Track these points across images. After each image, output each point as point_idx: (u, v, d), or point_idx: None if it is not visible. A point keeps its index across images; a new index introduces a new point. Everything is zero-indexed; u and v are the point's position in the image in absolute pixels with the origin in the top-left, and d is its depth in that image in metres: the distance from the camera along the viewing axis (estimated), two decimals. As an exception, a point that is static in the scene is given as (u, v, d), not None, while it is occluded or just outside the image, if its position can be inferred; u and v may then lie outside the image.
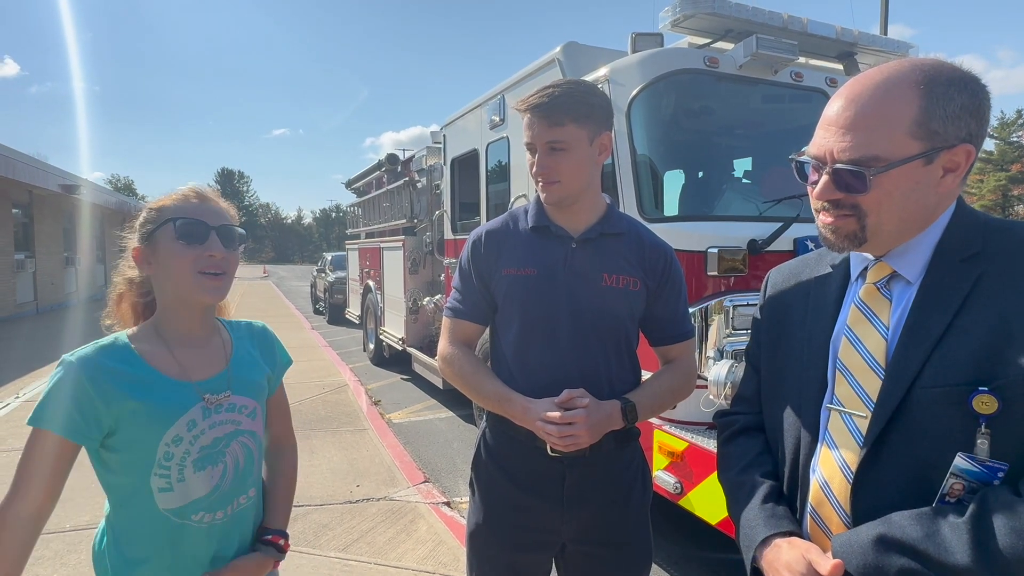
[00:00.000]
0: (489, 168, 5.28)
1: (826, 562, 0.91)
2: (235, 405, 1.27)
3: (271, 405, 1.42)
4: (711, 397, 2.86)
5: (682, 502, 2.92)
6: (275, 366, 1.43)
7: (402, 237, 7.40)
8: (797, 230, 3.08)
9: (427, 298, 6.89)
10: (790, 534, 1.01)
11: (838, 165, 0.94)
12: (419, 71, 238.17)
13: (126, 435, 1.16)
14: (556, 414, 1.40)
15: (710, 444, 2.80)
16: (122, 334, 1.23)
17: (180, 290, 1.22)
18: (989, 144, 34.00)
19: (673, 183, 3.56)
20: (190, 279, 1.19)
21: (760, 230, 3.07)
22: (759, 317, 1.25)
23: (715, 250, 3.00)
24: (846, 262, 1.10)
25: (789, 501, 1.09)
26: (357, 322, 10.31)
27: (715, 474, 2.63)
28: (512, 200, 4.70)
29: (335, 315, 14.05)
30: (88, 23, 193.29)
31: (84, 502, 3.87)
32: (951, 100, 0.90)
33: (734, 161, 3.83)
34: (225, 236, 1.23)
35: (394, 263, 7.68)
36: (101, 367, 1.15)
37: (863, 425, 0.96)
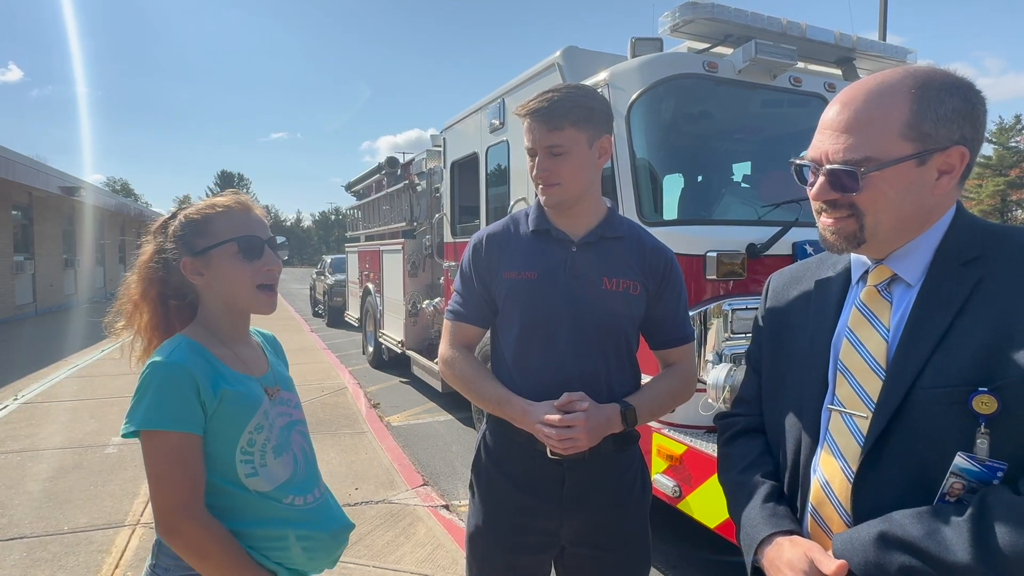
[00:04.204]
0: (489, 171, 5.30)
1: (830, 562, 0.92)
2: (283, 398, 1.35)
3: None
4: (710, 401, 2.86)
5: (680, 506, 2.92)
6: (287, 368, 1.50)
7: (402, 240, 7.41)
8: (796, 234, 3.09)
9: (426, 301, 6.90)
10: (791, 533, 1.02)
11: (832, 165, 0.97)
12: (417, 75, 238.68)
13: (215, 427, 1.20)
14: (555, 417, 1.40)
15: (709, 448, 2.80)
16: (184, 337, 1.25)
17: (236, 301, 1.29)
18: (987, 149, 34.14)
19: (672, 187, 3.57)
20: (250, 293, 1.28)
21: (759, 234, 3.08)
22: (760, 320, 1.27)
23: (714, 254, 3.01)
24: (847, 266, 1.11)
25: (790, 501, 1.09)
26: (356, 325, 10.31)
27: (713, 478, 2.65)
28: (512, 203, 4.70)
29: (334, 318, 14.05)
30: (92, 29, 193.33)
31: (83, 504, 3.87)
32: (942, 103, 0.93)
33: (733, 165, 3.85)
34: (273, 247, 1.31)
35: (394, 266, 7.68)
36: (197, 365, 1.19)
37: (864, 425, 0.97)
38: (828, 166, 0.98)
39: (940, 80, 0.94)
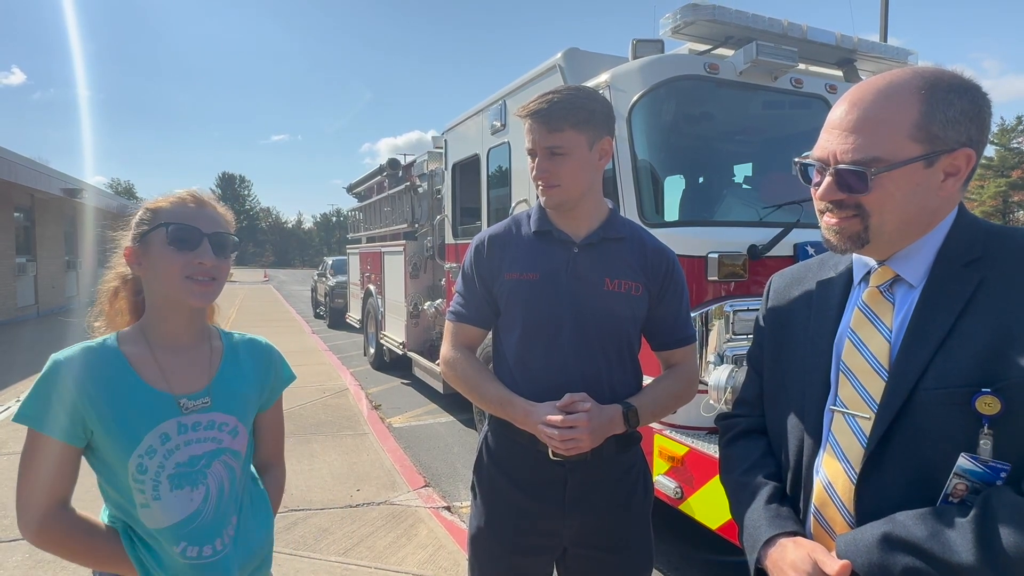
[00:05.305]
0: (490, 173, 5.30)
1: (833, 562, 0.92)
2: (215, 422, 1.22)
3: (262, 424, 1.37)
4: (711, 402, 2.86)
5: (682, 507, 2.92)
6: (269, 385, 1.37)
7: (403, 241, 7.42)
8: (797, 235, 3.09)
9: (428, 302, 6.90)
10: (794, 534, 1.02)
11: (841, 166, 0.96)
12: (417, 77, 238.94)
13: (103, 440, 1.14)
14: (558, 418, 1.40)
15: (710, 449, 2.80)
16: (112, 336, 1.21)
17: (168, 293, 1.20)
18: (989, 150, 34.06)
19: (674, 188, 3.57)
20: (178, 283, 1.18)
21: (760, 235, 3.08)
22: (762, 321, 1.27)
23: (715, 255, 3.01)
24: (849, 267, 1.11)
25: (792, 502, 1.10)
26: (358, 326, 10.31)
27: (715, 479, 2.65)
28: (513, 205, 4.71)
29: (336, 319, 14.05)
30: (93, 32, 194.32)
31: (84, 505, 3.87)
32: (951, 105, 0.93)
33: (734, 166, 3.85)
34: (217, 244, 1.22)
35: (395, 267, 7.69)
36: (84, 368, 1.14)
37: (866, 426, 0.97)
38: (836, 166, 0.97)
39: (948, 81, 0.94)
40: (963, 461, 0.86)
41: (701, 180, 3.75)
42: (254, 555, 1.28)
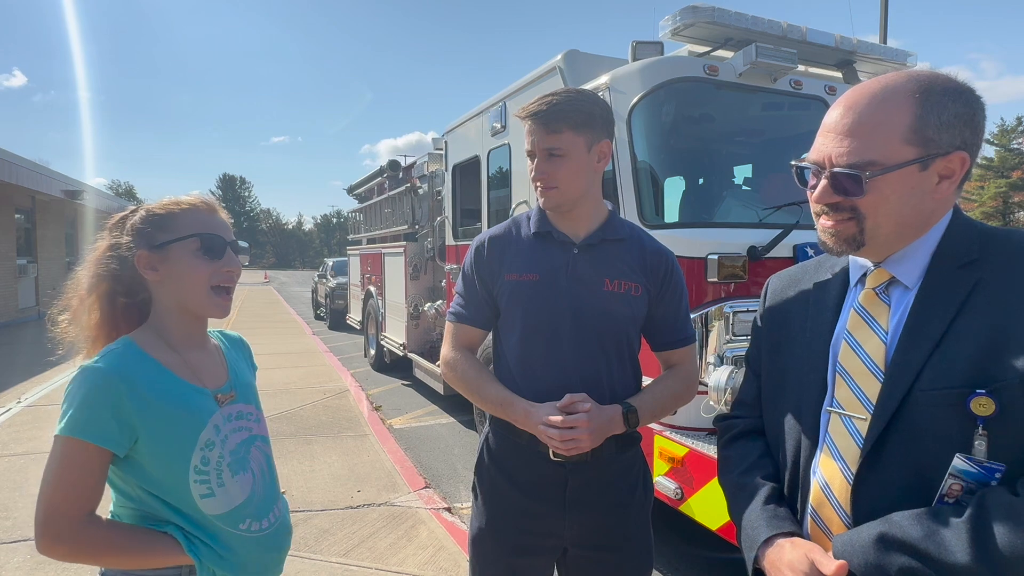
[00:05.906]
0: (490, 174, 5.31)
1: (830, 562, 0.93)
2: (242, 412, 1.29)
3: None
4: (711, 403, 2.87)
5: (682, 508, 2.92)
6: (254, 374, 1.46)
7: (403, 243, 7.43)
8: (797, 237, 3.10)
9: (428, 304, 6.91)
10: (792, 534, 1.03)
11: (836, 169, 0.97)
12: (418, 78, 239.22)
13: (155, 443, 1.14)
14: (558, 418, 1.41)
15: (710, 450, 2.80)
16: (129, 340, 1.20)
17: (190, 301, 1.23)
18: (989, 151, 34.03)
19: (673, 190, 3.58)
20: (204, 294, 1.23)
21: (760, 237, 3.09)
22: (759, 323, 1.27)
23: (715, 256, 3.01)
24: (845, 268, 1.12)
25: (790, 503, 1.10)
26: (358, 328, 10.31)
27: (715, 480, 2.65)
28: (513, 206, 4.72)
29: (336, 321, 14.06)
30: (94, 34, 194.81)
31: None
32: (945, 108, 0.93)
33: (734, 168, 3.85)
34: (235, 250, 1.28)
35: (395, 269, 7.70)
36: (133, 373, 1.14)
37: (863, 427, 0.97)
38: (831, 169, 0.98)
39: (942, 85, 0.95)
40: (958, 462, 0.86)
41: (701, 182, 3.75)
42: (290, 531, 1.38)
